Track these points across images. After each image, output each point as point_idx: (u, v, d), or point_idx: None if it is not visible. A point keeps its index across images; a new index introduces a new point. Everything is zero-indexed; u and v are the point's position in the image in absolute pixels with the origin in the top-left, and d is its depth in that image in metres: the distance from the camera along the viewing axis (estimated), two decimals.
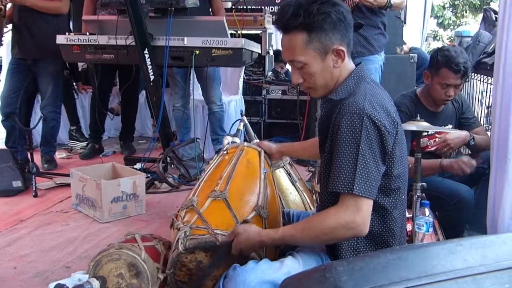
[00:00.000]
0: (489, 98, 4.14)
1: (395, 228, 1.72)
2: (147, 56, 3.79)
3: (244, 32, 5.17)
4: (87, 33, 4.03)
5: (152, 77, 3.85)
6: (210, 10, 4.38)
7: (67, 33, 4.11)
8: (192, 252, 1.86)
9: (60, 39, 4.03)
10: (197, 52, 3.70)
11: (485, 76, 4.23)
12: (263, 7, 5.51)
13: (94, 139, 4.94)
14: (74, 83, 5.35)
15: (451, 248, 1.18)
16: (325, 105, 1.78)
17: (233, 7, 5.51)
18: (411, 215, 2.33)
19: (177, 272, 1.92)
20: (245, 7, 5.43)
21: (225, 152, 2.37)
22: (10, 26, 4.22)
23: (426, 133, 2.91)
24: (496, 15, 5.06)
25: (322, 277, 1.14)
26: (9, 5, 4.13)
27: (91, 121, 4.92)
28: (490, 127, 3.13)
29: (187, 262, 1.89)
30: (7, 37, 4.36)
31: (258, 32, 5.39)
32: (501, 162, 2.12)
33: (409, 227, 2.35)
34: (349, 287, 1.10)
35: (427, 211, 2.24)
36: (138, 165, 4.03)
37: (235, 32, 5.02)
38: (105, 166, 3.61)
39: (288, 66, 6.53)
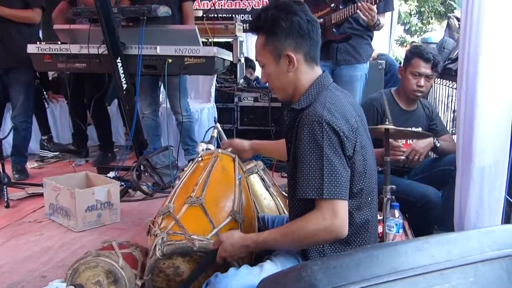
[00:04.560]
0: (455, 102, 4.26)
1: (361, 229, 1.76)
2: (119, 64, 3.78)
3: (215, 40, 5.22)
4: (59, 42, 4.01)
5: (124, 86, 3.85)
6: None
7: (38, 42, 4.08)
8: (170, 257, 1.89)
9: (31, 48, 4.00)
10: (170, 60, 3.71)
11: (450, 81, 4.36)
12: (234, 16, 5.56)
13: (78, 146, 5.05)
14: (45, 92, 5.30)
15: (418, 245, 1.24)
16: (289, 114, 1.84)
17: (204, 15, 5.56)
18: (381, 217, 2.40)
19: (155, 278, 1.94)
20: (216, 15, 5.49)
21: (199, 158, 2.40)
22: None
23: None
24: (459, 22, 5.17)
25: (298, 276, 1.18)
26: None
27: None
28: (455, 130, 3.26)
29: (164, 268, 1.92)
30: None
31: (229, 40, 5.43)
32: (466, 163, 2.18)
33: (380, 229, 2.42)
34: (324, 284, 1.14)
35: (396, 212, 2.30)
36: (111, 174, 4.02)
37: (206, 40, 5.05)
38: (79, 175, 3.59)
39: (258, 73, 6.61)
